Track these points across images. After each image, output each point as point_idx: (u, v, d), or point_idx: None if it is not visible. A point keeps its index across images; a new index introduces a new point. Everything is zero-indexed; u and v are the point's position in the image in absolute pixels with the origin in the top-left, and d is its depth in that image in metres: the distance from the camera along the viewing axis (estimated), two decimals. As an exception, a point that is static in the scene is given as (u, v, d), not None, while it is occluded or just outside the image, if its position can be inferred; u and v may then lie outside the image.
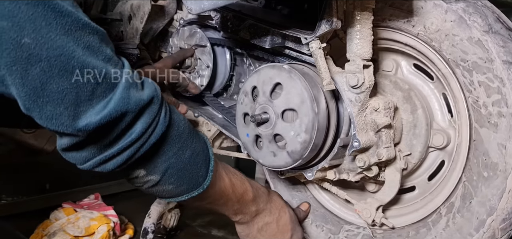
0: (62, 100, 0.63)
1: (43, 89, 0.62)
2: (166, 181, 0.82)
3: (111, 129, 0.69)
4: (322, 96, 0.93)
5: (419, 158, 1.01)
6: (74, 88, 0.63)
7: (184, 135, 0.82)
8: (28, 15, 0.58)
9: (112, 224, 1.43)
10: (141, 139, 0.73)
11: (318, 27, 0.89)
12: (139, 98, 0.70)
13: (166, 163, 0.80)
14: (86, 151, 0.71)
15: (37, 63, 0.60)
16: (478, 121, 0.89)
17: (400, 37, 0.99)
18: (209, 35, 1.18)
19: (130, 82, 0.70)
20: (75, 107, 0.65)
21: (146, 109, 0.72)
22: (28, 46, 0.59)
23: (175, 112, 0.81)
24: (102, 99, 0.66)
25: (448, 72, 0.93)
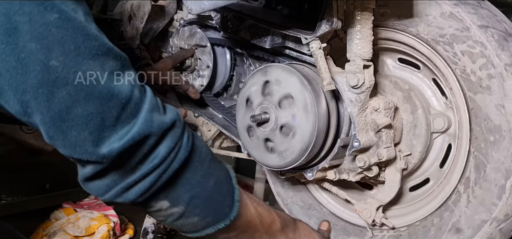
0: (87, 125, 0.62)
1: (68, 113, 0.60)
2: (191, 212, 0.77)
3: (134, 153, 0.67)
4: (322, 97, 0.93)
5: (419, 158, 1.01)
6: (99, 113, 0.62)
7: (207, 161, 0.78)
8: (58, 38, 0.58)
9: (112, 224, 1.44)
10: (164, 163, 0.70)
11: (319, 27, 0.89)
12: (162, 121, 0.69)
13: (190, 192, 0.76)
14: (108, 178, 0.69)
15: (64, 86, 0.59)
16: (471, 89, 0.90)
17: (379, 33, 1.00)
18: (209, 35, 1.18)
19: (153, 105, 0.68)
20: (99, 133, 0.63)
21: (168, 133, 0.70)
22: (56, 69, 0.58)
23: (197, 137, 0.78)
24: (126, 124, 0.65)
25: (431, 53, 0.95)
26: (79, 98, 0.60)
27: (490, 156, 0.88)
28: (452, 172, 0.99)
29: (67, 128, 0.61)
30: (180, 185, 0.74)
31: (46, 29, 0.57)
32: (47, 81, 0.58)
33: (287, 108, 0.93)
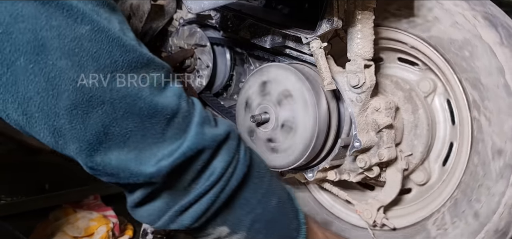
0: (125, 144, 0.56)
1: (105, 134, 0.54)
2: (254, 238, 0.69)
3: (187, 171, 0.61)
4: (323, 96, 0.93)
5: (420, 158, 1.01)
6: (140, 130, 0.56)
7: (267, 178, 0.70)
8: (91, 52, 0.52)
9: (112, 224, 1.43)
10: (222, 180, 0.63)
11: (319, 26, 0.88)
12: (215, 134, 0.62)
13: (251, 214, 0.67)
14: (159, 201, 0.62)
15: (100, 106, 0.53)
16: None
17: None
18: (209, 34, 1.18)
19: (204, 118, 0.62)
20: (142, 151, 0.57)
21: (223, 146, 0.64)
22: (90, 88, 0.52)
23: (254, 152, 0.71)
24: (175, 139, 0.59)
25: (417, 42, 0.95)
26: (117, 117, 0.54)
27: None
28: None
29: (105, 150, 0.55)
30: (239, 206, 0.66)
31: (78, 44, 0.51)
32: (81, 102, 0.52)
33: (287, 106, 0.93)
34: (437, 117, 1.03)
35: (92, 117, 0.53)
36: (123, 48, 0.55)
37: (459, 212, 0.91)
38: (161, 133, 0.58)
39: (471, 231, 0.89)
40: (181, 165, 0.59)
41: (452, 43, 0.90)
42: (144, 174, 0.58)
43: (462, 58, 0.89)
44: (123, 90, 0.54)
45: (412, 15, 0.94)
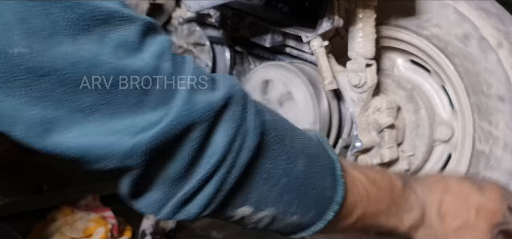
0: (87, 119, 0.46)
1: (56, 109, 0.45)
2: (285, 212, 0.58)
3: (178, 150, 0.50)
4: (324, 96, 0.92)
5: (422, 158, 1.00)
6: (105, 102, 0.46)
7: (288, 139, 0.58)
8: (17, 14, 0.43)
9: (110, 225, 1.42)
10: (227, 159, 0.51)
11: (320, 25, 0.88)
12: (211, 101, 0.50)
13: (277, 187, 0.56)
14: (156, 190, 0.52)
15: (43, 77, 0.43)
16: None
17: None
18: (209, 33, 1.17)
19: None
20: (113, 126, 0.46)
21: (223, 115, 0.51)
22: (21, 58, 0.43)
23: (267, 109, 0.58)
24: (155, 109, 0.48)
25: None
26: (67, 90, 0.44)
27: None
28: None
29: (60, 129, 0.45)
30: (260, 181, 0.55)
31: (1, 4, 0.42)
32: (18, 74, 0.43)
33: (288, 105, 0.92)
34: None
35: (35, 91, 0.44)
36: (63, 2, 0.44)
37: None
38: (136, 104, 0.47)
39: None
40: (166, 142, 0.48)
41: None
42: (117, 153, 0.47)
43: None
44: (69, 57, 0.44)
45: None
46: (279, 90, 0.93)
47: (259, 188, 0.55)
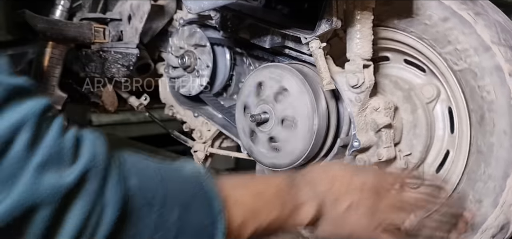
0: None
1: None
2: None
3: (24, 234, 0.45)
4: (322, 96, 0.93)
5: (419, 158, 1.01)
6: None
7: (159, 195, 0.55)
8: None
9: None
10: (82, 237, 0.48)
11: (318, 26, 0.89)
12: (59, 184, 0.46)
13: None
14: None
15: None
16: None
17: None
18: (209, 34, 1.18)
19: (51, 155, 0.46)
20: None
21: (76, 194, 0.47)
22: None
23: (139, 171, 0.55)
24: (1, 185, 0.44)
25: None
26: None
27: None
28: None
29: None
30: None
31: None
32: None
33: (287, 105, 0.93)
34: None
35: None
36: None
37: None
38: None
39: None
40: (10, 225, 0.44)
41: None
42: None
43: None
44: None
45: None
46: (273, 88, 0.94)
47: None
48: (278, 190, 0.69)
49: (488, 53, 0.86)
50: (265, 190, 0.68)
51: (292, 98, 0.92)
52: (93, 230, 0.48)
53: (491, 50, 0.86)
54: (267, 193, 0.68)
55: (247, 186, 0.67)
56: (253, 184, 0.69)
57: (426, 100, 1.01)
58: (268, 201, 0.67)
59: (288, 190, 0.70)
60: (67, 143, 0.48)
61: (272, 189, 0.69)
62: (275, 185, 0.70)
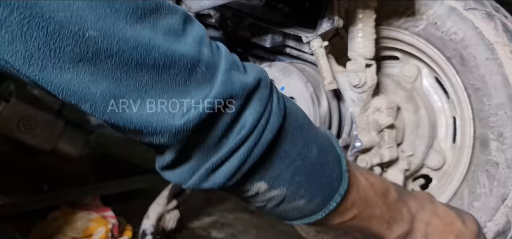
0: (144, 97, 0.51)
1: (119, 87, 0.50)
2: (295, 194, 0.62)
3: (215, 124, 0.55)
4: (324, 96, 0.92)
5: (421, 158, 1.00)
6: (159, 82, 0.51)
7: (305, 126, 0.62)
8: (88, 2, 0.47)
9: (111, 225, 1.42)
10: (254, 133, 0.56)
11: (320, 25, 0.88)
12: (245, 81, 0.55)
13: (291, 167, 0.60)
14: (191, 160, 0.57)
15: (108, 58, 0.48)
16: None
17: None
18: (209, 34, 1.16)
19: (231, 64, 0.56)
20: (167, 103, 0.52)
21: (254, 95, 0.56)
22: (95, 40, 0.48)
23: (288, 99, 0.63)
24: (200, 89, 0.53)
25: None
26: (129, 70, 0.49)
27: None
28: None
29: (121, 105, 0.50)
30: (278, 159, 0.59)
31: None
32: (86, 55, 0.48)
33: None
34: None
35: (101, 70, 0.49)
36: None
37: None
38: (184, 84, 0.52)
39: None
40: (209, 116, 0.53)
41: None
42: (170, 128, 0.52)
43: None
44: (132, 40, 0.49)
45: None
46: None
47: (276, 166, 0.59)
48: (388, 194, 0.70)
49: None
50: (379, 187, 0.70)
51: (293, 98, 0.91)
52: (262, 130, 0.56)
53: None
54: (379, 190, 0.70)
55: (364, 174, 0.69)
56: (369, 175, 0.70)
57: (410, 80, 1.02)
58: (378, 198, 0.69)
59: (395, 200, 0.71)
60: (235, 56, 0.58)
61: (384, 190, 0.70)
62: (387, 187, 0.71)
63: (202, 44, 0.54)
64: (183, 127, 0.52)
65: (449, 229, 0.75)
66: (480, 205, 0.89)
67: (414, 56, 1.02)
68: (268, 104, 0.58)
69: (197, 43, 0.54)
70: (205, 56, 0.54)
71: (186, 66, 0.52)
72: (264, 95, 0.57)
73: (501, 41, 0.86)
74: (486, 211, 0.88)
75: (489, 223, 0.87)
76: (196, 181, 0.58)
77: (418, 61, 1.02)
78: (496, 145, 0.87)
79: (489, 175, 0.88)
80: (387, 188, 0.71)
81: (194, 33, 0.55)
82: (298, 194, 0.62)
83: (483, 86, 0.88)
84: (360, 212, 0.67)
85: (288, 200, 0.62)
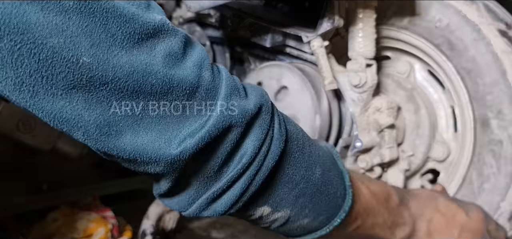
0: (140, 125, 0.49)
1: (114, 115, 0.47)
2: (299, 215, 0.62)
3: (214, 152, 0.53)
4: (324, 96, 0.92)
5: (422, 158, 1.00)
6: (156, 109, 0.49)
7: (307, 148, 0.62)
8: (82, 27, 0.45)
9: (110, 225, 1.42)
10: (255, 162, 0.55)
11: (320, 25, 0.88)
12: (245, 108, 0.54)
13: (295, 191, 0.60)
14: (190, 189, 0.56)
15: (102, 85, 0.46)
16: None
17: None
18: (209, 33, 1.17)
19: (231, 89, 0.54)
20: (163, 131, 0.50)
21: (255, 122, 0.55)
22: (89, 67, 0.45)
23: (289, 121, 0.62)
24: (198, 116, 0.51)
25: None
26: (124, 97, 0.47)
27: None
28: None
29: (116, 133, 0.48)
30: (281, 185, 0.59)
31: (65, 18, 0.44)
32: (80, 83, 0.45)
33: (288, 105, 0.92)
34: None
35: (95, 98, 0.46)
36: (119, 18, 0.46)
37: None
38: (182, 110, 0.50)
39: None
40: (207, 145, 0.51)
41: None
42: (165, 157, 0.50)
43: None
44: (127, 66, 0.47)
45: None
46: (273, 88, 0.93)
47: (279, 190, 0.59)
48: (390, 201, 0.72)
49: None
50: (380, 195, 0.71)
51: (293, 98, 0.91)
52: (264, 157, 0.55)
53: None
54: (381, 198, 0.71)
55: (366, 183, 0.70)
56: (370, 183, 0.71)
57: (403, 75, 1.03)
58: (380, 206, 0.70)
59: (397, 205, 0.73)
60: (236, 79, 0.56)
61: (386, 197, 0.72)
62: (388, 194, 0.73)
63: (203, 68, 0.52)
64: (179, 156, 0.50)
65: (452, 222, 0.76)
66: (491, 186, 0.88)
67: (404, 52, 1.02)
68: (269, 130, 0.56)
69: (197, 68, 0.51)
70: (205, 81, 0.52)
71: (185, 92, 0.50)
72: (265, 121, 0.56)
73: (485, 21, 0.87)
74: (497, 191, 0.87)
75: (502, 204, 0.87)
76: (196, 210, 0.57)
77: (409, 57, 1.02)
78: (496, 122, 0.87)
79: (494, 154, 0.88)
80: (388, 194, 0.72)
81: (195, 56, 0.52)
82: (302, 214, 0.62)
83: (475, 67, 0.88)
84: (363, 222, 0.68)
85: (292, 221, 0.62)
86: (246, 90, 0.57)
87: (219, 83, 0.53)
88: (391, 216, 0.72)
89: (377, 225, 0.70)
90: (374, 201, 0.70)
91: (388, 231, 0.72)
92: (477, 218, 0.77)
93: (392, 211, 0.72)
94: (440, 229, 0.75)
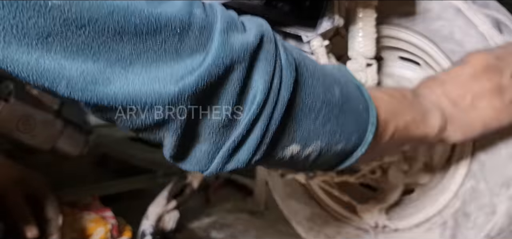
0: (128, 69, 0.44)
1: (96, 61, 0.43)
2: (330, 143, 0.58)
3: (221, 93, 0.49)
4: (324, 96, 0.92)
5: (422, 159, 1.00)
6: (145, 52, 0.45)
7: (318, 71, 0.57)
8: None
9: (110, 225, 1.42)
10: (269, 98, 0.51)
11: (320, 25, 0.88)
12: (245, 41, 0.49)
13: (319, 119, 0.56)
14: (203, 143, 0.51)
15: (80, 29, 0.42)
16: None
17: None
18: (208, 33, 1.17)
19: (228, 23, 0.49)
20: (155, 73, 0.45)
21: (258, 54, 0.51)
22: (61, 10, 0.41)
23: (293, 48, 0.58)
24: (195, 54, 0.47)
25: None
26: (106, 40, 0.43)
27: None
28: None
29: (103, 81, 0.44)
30: (303, 117, 0.55)
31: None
32: (54, 28, 0.41)
33: None
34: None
35: (74, 44, 0.42)
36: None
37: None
38: (175, 51, 0.46)
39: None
40: (210, 86, 0.47)
41: None
42: (162, 101, 0.46)
43: None
44: (105, 6, 0.42)
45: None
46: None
47: (303, 124, 0.55)
48: (406, 96, 0.70)
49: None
50: (396, 94, 0.69)
51: None
52: (277, 91, 0.51)
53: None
54: (399, 97, 0.69)
55: (381, 89, 0.70)
56: (385, 89, 0.71)
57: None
58: (401, 105, 0.68)
59: (413, 97, 0.70)
60: (232, 13, 0.53)
61: (400, 94, 0.69)
62: (402, 92, 0.70)
63: (194, 5, 0.48)
64: (179, 95, 0.46)
65: (461, 80, 0.73)
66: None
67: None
68: (276, 61, 0.52)
69: (187, 5, 0.47)
70: (198, 18, 0.47)
71: (175, 31, 0.46)
72: (270, 52, 0.52)
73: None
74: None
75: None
76: (219, 165, 0.53)
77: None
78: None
79: None
80: (403, 93, 0.70)
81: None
82: (333, 141, 0.58)
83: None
84: (396, 126, 0.65)
85: (326, 151, 0.58)
86: (244, 23, 0.53)
87: (214, 18, 0.49)
88: (416, 110, 0.69)
89: (409, 123, 0.67)
90: (395, 102, 0.67)
91: (422, 125, 0.69)
92: (475, 58, 0.73)
93: (414, 105, 0.69)
94: (459, 93, 0.72)
